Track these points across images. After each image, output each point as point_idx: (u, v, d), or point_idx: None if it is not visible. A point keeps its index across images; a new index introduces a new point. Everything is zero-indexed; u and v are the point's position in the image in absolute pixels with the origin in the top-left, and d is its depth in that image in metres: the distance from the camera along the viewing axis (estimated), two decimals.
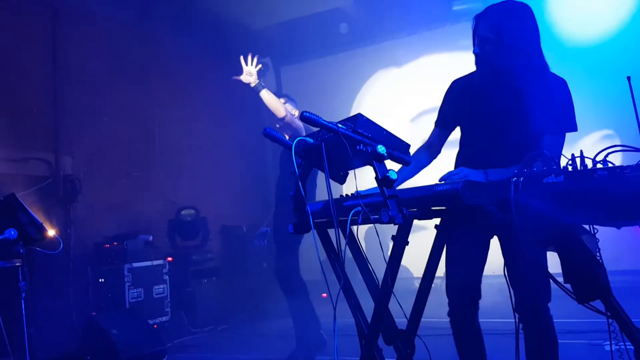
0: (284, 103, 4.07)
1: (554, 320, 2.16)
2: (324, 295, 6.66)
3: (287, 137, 4.05)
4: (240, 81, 3.80)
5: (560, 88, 2.19)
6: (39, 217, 3.57)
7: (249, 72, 3.77)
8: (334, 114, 1.97)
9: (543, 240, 1.61)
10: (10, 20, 5.21)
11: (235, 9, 6.75)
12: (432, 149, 2.51)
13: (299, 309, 4.06)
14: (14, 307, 3.50)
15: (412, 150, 2.03)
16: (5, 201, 3.50)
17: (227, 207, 7.02)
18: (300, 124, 3.91)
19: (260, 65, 3.82)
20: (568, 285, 1.63)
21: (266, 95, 3.82)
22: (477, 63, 2.27)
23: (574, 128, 2.17)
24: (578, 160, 1.50)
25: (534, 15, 2.20)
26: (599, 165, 1.48)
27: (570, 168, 1.48)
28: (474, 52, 2.22)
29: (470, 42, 2.25)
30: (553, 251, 1.64)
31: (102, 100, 5.83)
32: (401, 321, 2.10)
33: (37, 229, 3.48)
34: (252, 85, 3.77)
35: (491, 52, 2.16)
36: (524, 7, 2.20)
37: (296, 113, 4.14)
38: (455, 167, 2.38)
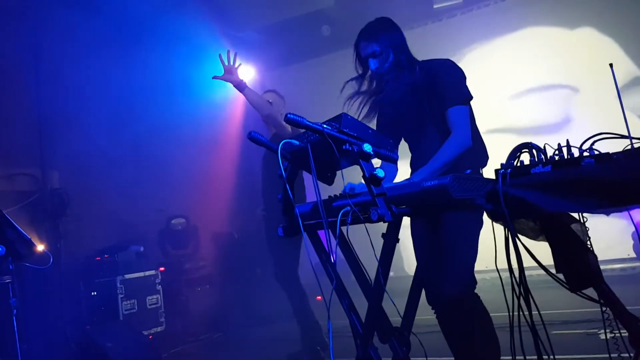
0: (270, 100, 4.04)
1: (549, 312, 2.18)
2: (319, 298, 6.69)
3: (274, 132, 4.04)
4: (223, 82, 3.75)
5: (442, 68, 2.41)
6: (28, 232, 3.53)
7: (229, 71, 3.71)
8: (319, 117, 1.97)
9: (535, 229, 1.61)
10: None
11: (218, 16, 6.73)
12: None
13: (302, 312, 4.02)
14: (6, 323, 3.46)
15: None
16: None
17: (218, 214, 6.99)
18: None
19: (240, 63, 3.78)
20: (560, 276, 1.63)
21: (249, 93, 3.78)
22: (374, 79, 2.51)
23: (465, 96, 2.35)
24: (565, 150, 1.50)
25: (394, 23, 2.50)
26: (586, 154, 1.48)
27: (557, 158, 1.48)
28: (371, 70, 2.46)
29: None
30: (543, 241, 1.64)
31: (86, 113, 5.78)
32: (396, 320, 2.09)
33: (26, 245, 3.43)
34: (234, 84, 3.71)
35: (380, 66, 2.41)
36: (385, 20, 2.51)
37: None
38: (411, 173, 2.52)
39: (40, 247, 3.62)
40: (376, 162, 2.00)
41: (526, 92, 6.66)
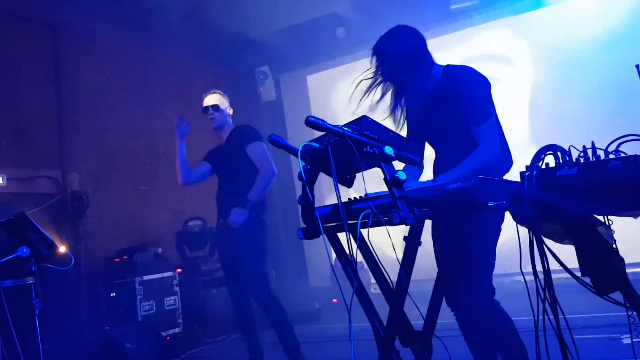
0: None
1: (570, 316, 2.17)
2: (334, 300, 6.68)
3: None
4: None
5: (465, 79, 2.35)
6: (49, 234, 3.58)
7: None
8: (335, 120, 1.97)
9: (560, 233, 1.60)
10: (13, 41, 5.24)
11: (233, 18, 6.76)
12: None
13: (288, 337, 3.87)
14: (28, 324, 3.51)
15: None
16: (16, 220, 3.51)
17: None
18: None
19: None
20: (586, 279, 1.61)
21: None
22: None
23: (489, 113, 2.30)
24: (590, 152, 1.48)
25: (411, 30, 2.43)
26: (611, 156, 1.47)
27: (582, 160, 1.46)
28: (390, 78, 2.41)
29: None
30: (570, 244, 1.62)
31: (105, 116, 5.85)
32: (418, 323, 2.08)
33: (48, 246, 3.49)
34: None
35: (398, 73, 2.36)
36: (401, 29, 2.43)
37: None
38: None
39: (62, 249, 3.67)
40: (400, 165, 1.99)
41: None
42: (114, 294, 5.18)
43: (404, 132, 2.53)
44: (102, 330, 4.56)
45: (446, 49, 6.45)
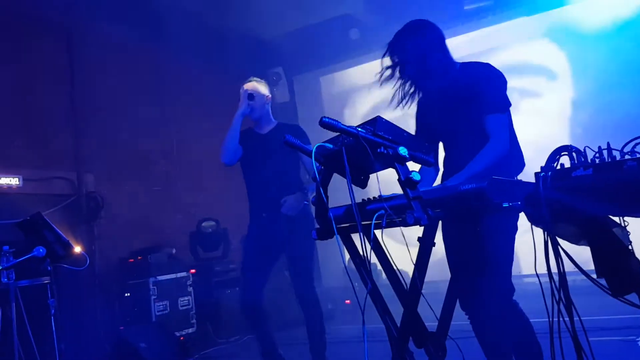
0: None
1: (589, 318, 2.15)
2: (348, 302, 6.68)
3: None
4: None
5: (482, 73, 2.36)
6: (64, 234, 3.62)
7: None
8: (349, 121, 1.98)
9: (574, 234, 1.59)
10: (29, 44, 5.32)
11: (246, 20, 6.80)
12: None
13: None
14: (44, 323, 3.55)
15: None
16: (32, 220, 3.55)
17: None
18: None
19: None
20: (602, 281, 1.60)
21: None
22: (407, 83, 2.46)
23: (504, 104, 2.31)
24: (605, 153, 1.47)
25: (428, 26, 2.43)
26: (627, 157, 1.45)
27: (598, 161, 1.45)
28: (405, 74, 2.41)
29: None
30: (585, 245, 1.61)
31: (120, 118, 5.91)
32: (432, 325, 2.08)
33: (64, 247, 3.53)
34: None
35: (409, 73, 2.37)
36: (418, 24, 2.44)
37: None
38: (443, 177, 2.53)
39: (77, 249, 3.71)
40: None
41: None
42: (128, 294, 5.22)
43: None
44: (116, 330, 4.60)
45: (461, 50, 6.42)
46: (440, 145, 2.59)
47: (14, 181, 4.84)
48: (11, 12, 5.17)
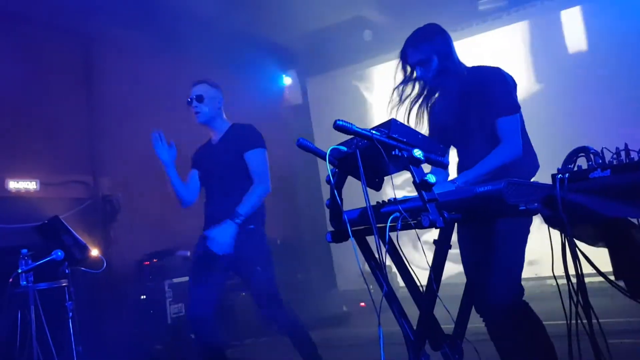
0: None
1: (607, 320, 2.13)
2: (363, 304, 6.67)
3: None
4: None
5: (492, 77, 2.37)
6: (82, 237, 3.67)
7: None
8: (363, 123, 1.98)
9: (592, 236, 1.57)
10: (46, 50, 5.40)
11: (260, 24, 6.82)
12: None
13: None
14: (62, 326, 3.59)
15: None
16: (50, 224, 3.60)
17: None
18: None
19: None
20: (620, 283, 1.58)
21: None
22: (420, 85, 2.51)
23: (514, 106, 2.32)
24: (623, 154, 1.46)
25: (441, 30, 2.48)
26: None
27: (615, 162, 1.44)
28: (418, 78, 2.46)
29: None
30: (603, 247, 1.60)
31: (135, 122, 5.95)
32: (449, 327, 2.07)
33: (81, 250, 3.57)
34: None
35: (426, 73, 2.41)
36: (432, 27, 2.50)
37: None
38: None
39: (94, 252, 3.75)
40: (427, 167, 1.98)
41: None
42: (144, 297, 5.26)
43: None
44: (132, 332, 4.63)
45: (474, 49, 6.40)
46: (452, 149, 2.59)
47: (31, 185, 4.91)
48: (30, 19, 5.25)
